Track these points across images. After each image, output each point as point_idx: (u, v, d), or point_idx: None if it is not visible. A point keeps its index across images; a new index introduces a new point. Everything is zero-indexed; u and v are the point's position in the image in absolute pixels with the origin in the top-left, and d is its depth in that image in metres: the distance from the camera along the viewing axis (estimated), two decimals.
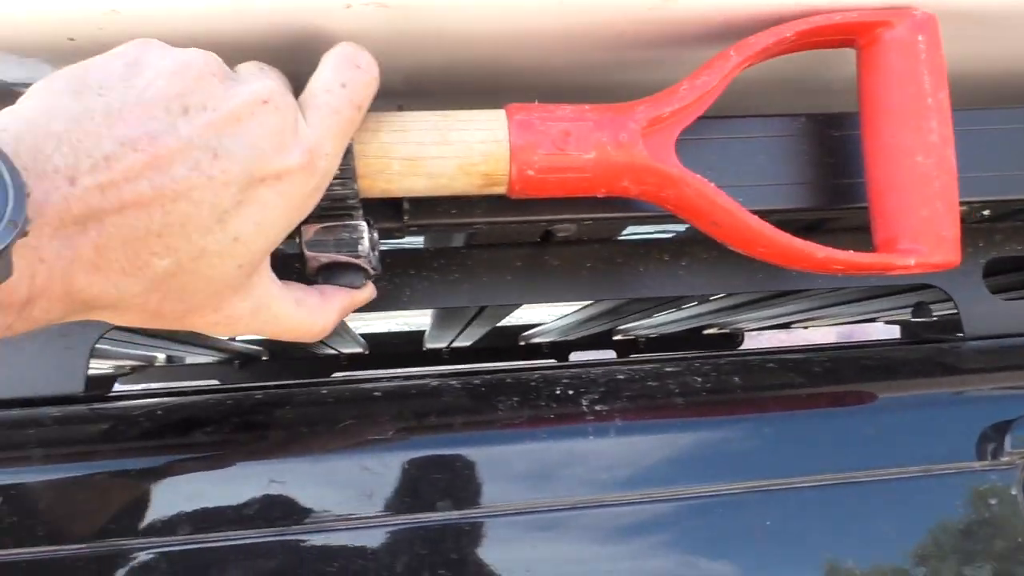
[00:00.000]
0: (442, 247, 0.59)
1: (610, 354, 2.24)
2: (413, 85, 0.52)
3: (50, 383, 0.53)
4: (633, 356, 2.13)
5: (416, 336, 2.13)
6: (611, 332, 2.14)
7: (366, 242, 0.45)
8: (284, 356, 2.16)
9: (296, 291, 0.43)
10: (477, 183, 0.44)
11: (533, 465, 0.46)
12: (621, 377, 0.52)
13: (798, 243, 0.46)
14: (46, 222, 0.30)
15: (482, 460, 0.47)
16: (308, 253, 0.45)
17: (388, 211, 0.49)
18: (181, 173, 0.32)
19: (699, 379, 0.51)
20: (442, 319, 1.38)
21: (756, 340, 2.77)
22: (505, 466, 0.47)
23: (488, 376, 0.54)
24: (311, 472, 0.45)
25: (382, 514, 0.44)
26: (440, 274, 0.58)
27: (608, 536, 0.46)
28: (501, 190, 0.45)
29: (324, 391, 0.52)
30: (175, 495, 0.43)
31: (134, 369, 2.05)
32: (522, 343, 2.28)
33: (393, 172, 0.43)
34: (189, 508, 0.43)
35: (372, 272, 0.47)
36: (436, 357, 2.17)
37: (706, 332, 2.22)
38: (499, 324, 2.11)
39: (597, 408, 0.48)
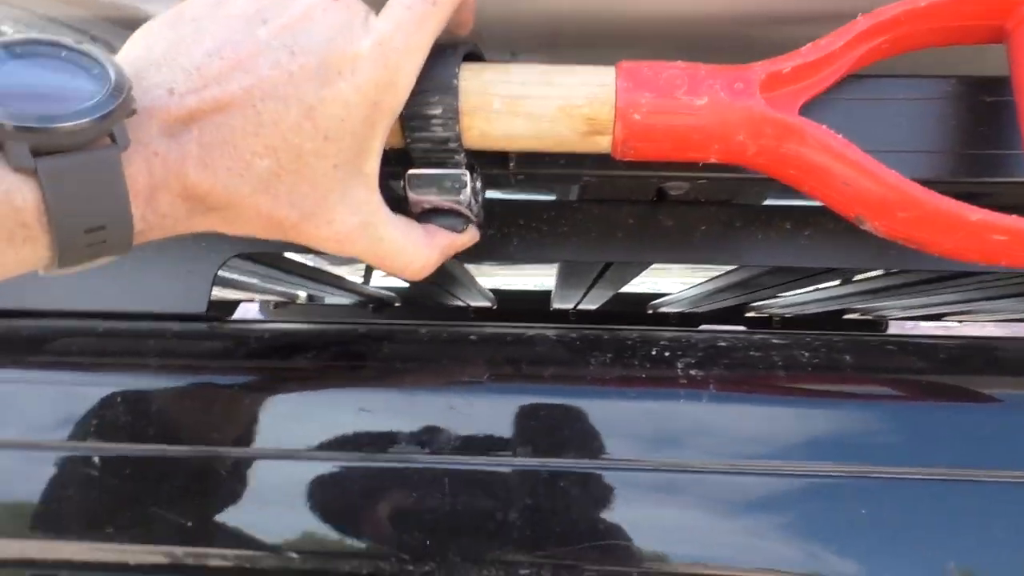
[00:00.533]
0: (553, 200, 0.58)
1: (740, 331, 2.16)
2: (528, 36, 0.52)
3: (176, 302, 0.57)
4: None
5: (543, 296, 2.14)
6: (743, 308, 2.06)
7: (468, 189, 0.45)
8: (415, 304, 2.23)
9: (403, 221, 0.44)
10: (580, 128, 0.43)
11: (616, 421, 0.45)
12: (722, 344, 0.50)
13: (947, 203, 0.42)
14: (153, 122, 0.34)
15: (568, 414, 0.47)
16: (412, 197, 0.45)
17: (495, 159, 0.48)
18: (264, 72, 0.36)
19: (806, 353, 0.49)
20: (566, 278, 1.38)
21: (901, 330, 2.59)
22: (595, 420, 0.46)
23: (587, 332, 0.53)
24: (399, 404, 0.46)
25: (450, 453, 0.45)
26: (549, 226, 0.58)
27: (697, 503, 0.45)
28: (606, 142, 0.44)
29: (424, 331, 0.53)
30: (269, 412, 0.46)
31: (277, 304, 2.18)
32: (650, 311, 2.24)
33: (493, 111, 0.43)
34: (277, 425, 0.46)
35: (474, 220, 0.47)
36: (562, 317, 2.17)
37: (847, 317, 2.10)
38: (626, 290, 2.09)
39: (692, 373, 0.47)
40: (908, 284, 1.17)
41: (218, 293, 1.78)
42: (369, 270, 1.94)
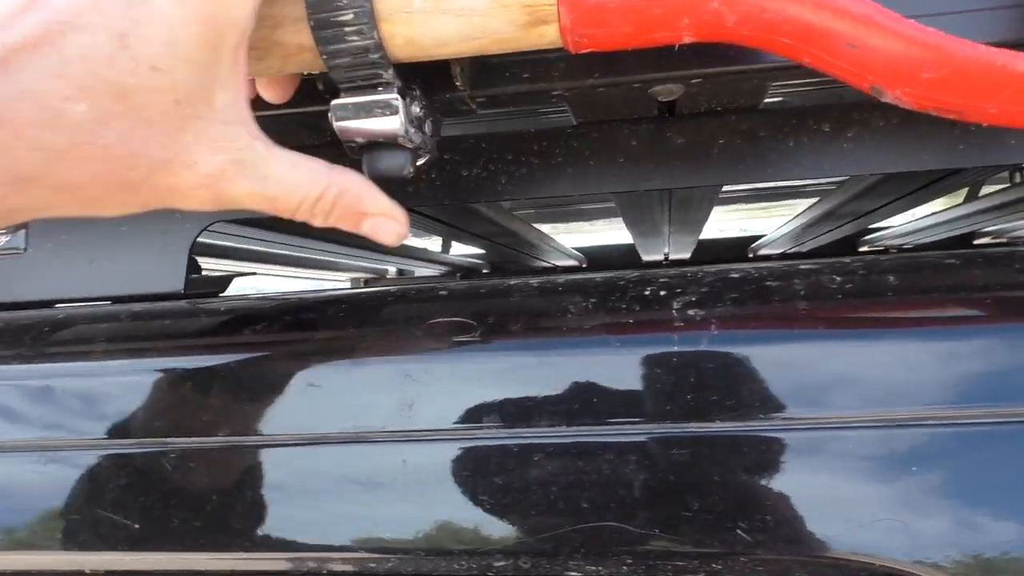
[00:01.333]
0: (543, 128, 0.50)
1: None
2: None
3: (153, 281, 0.53)
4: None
5: (631, 248, 2.04)
6: (854, 241, 1.89)
7: (401, 113, 0.38)
8: (503, 269, 2.18)
9: (291, 154, 0.37)
10: (519, 19, 0.35)
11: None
12: (735, 276, 0.41)
13: (985, 53, 0.32)
14: None
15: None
16: (339, 129, 0.39)
17: (443, 81, 0.41)
18: (61, 3, 0.30)
19: (837, 278, 0.39)
20: (634, 225, 1.29)
21: None
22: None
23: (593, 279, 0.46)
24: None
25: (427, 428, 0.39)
26: (540, 158, 0.50)
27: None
28: (552, 32, 0.36)
29: (394, 288, 0.47)
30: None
31: (367, 281, 2.18)
32: (751, 256, 2.10)
33: (414, 10, 0.36)
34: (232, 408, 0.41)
35: (419, 153, 0.40)
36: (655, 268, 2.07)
37: (977, 243, 1.89)
38: (722, 236, 1.96)
39: (690, 313, 0.39)
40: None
41: (296, 273, 1.79)
42: (447, 242, 1.90)
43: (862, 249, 1.97)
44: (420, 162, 0.41)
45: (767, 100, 0.49)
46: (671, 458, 0.37)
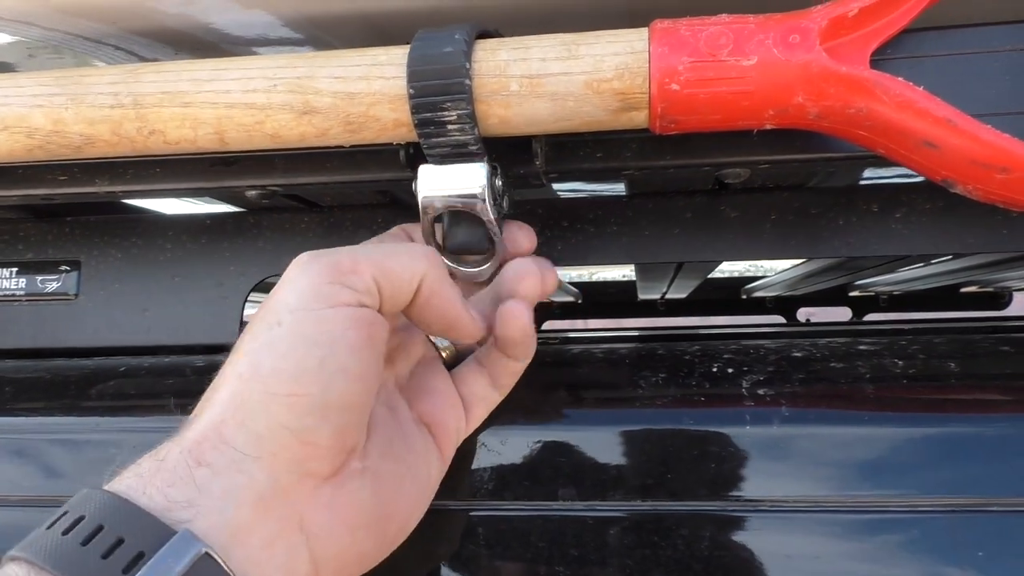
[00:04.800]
0: (599, 196, 0.52)
1: (845, 312, 2.02)
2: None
3: (207, 332, 0.54)
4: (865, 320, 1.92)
5: (630, 287, 2.06)
6: (847, 288, 1.93)
7: (486, 184, 0.39)
8: None
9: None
10: (611, 105, 0.37)
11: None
12: (797, 355, 0.43)
13: None
14: None
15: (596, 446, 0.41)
16: (423, 198, 0.40)
17: (522, 156, 0.43)
18: None
19: (900, 362, 0.41)
20: (644, 272, 1.30)
21: None
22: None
23: (644, 344, 0.47)
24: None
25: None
26: (596, 227, 0.52)
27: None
28: (642, 118, 0.37)
29: None
30: None
31: None
32: (744, 296, 2.13)
33: (511, 93, 0.37)
34: None
35: (498, 231, 0.42)
36: (651, 308, 2.09)
37: (964, 290, 1.93)
38: (717, 275, 1.98)
39: (760, 392, 0.40)
40: None
41: None
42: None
43: (853, 295, 2.00)
44: (493, 242, 0.42)
45: None
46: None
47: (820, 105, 0.36)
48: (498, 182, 0.41)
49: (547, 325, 2.11)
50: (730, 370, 0.42)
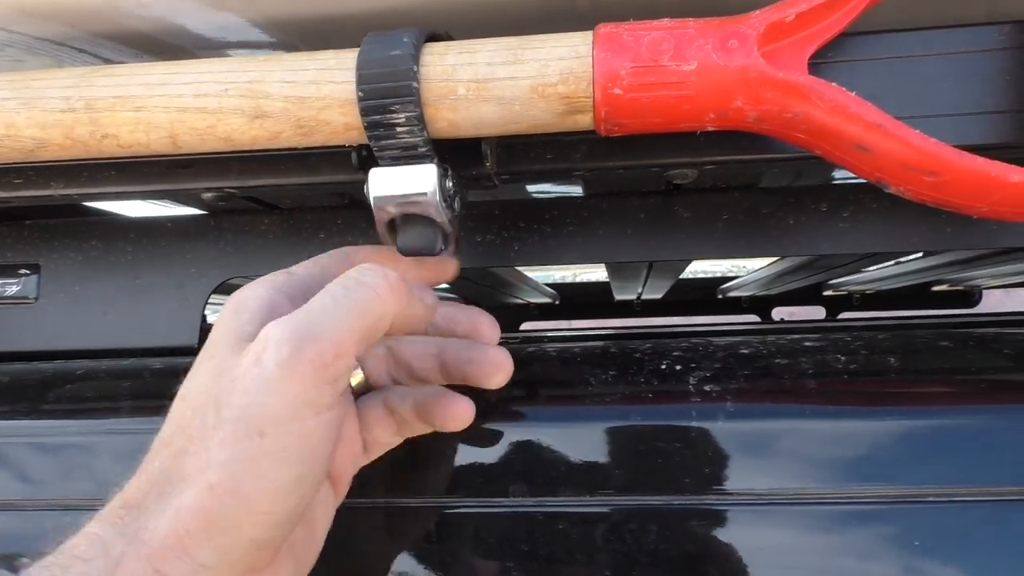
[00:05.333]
0: (555, 197, 0.53)
1: (819, 311, 2.04)
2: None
3: (167, 335, 0.54)
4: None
5: (606, 287, 2.07)
6: (820, 287, 1.95)
7: (436, 186, 0.40)
8: (476, 304, 2.19)
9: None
10: (556, 109, 0.38)
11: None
12: (744, 352, 0.44)
13: (982, 163, 0.35)
14: None
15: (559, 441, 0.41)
16: (374, 202, 0.41)
17: (472, 158, 0.43)
18: None
19: (842, 358, 0.42)
20: (615, 272, 1.31)
21: (1009, 297, 2.41)
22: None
23: (594, 343, 0.48)
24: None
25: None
26: (552, 227, 0.52)
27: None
28: (587, 120, 0.38)
29: None
30: None
31: None
32: (720, 296, 2.15)
33: (458, 97, 0.38)
34: None
35: (449, 229, 0.42)
36: (627, 309, 2.10)
37: (935, 289, 1.96)
38: (693, 276, 2.00)
39: (706, 388, 0.41)
40: (1004, 251, 1.06)
41: None
42: None
43: (827, 294, 2.02)
44: (447, 242, 0.43)
45: None
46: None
47: (758, 109, 0.37)
48: (449, 183, 0.41)
49: (524, 326, 2.12)
50: (678, 367, 0.43)
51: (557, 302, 2.16)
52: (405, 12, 0.47)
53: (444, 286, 2.03)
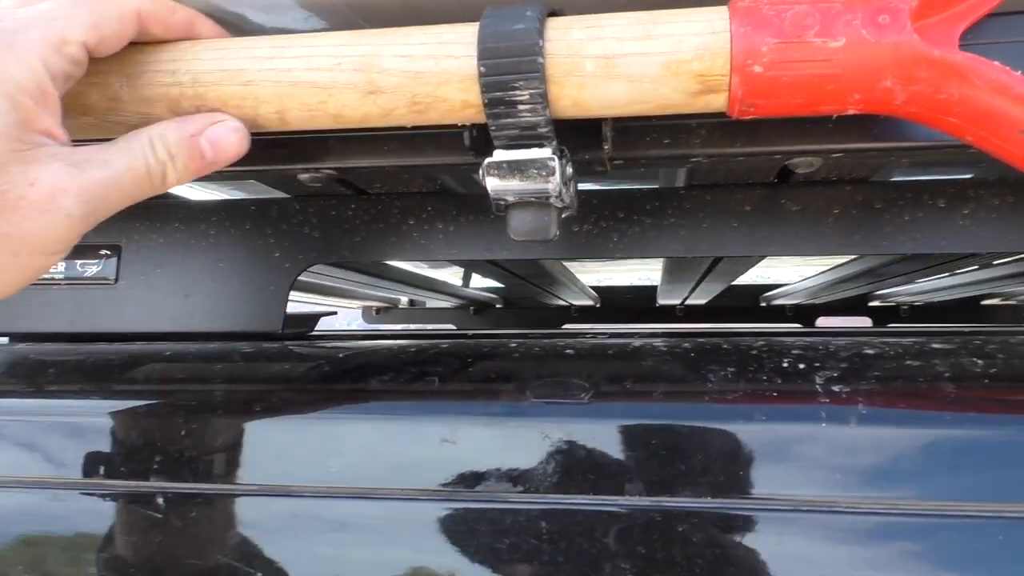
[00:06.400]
0: (656, 188, 0.51)
1: (864, 322, 2.00)
2: None
3: (252, 320, 0.53)
4: (891, 326, 1.90)
5: (649, 291, 2.05)
6: (867, 296, 1.91)
7: (557, 177, 0.38)
8: (516, 305, 2.18)
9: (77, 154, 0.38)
10: (689, 88, 0.36)
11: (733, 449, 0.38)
12: (869, 352, 0.41)
13: None
14: None
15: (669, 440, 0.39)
16: (492, 187, 0.39)
17: (587, 139, 0.41)
18: None
19: (979, 361, 0.39)
20: (673, 272, 1.29)
21: None
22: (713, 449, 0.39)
23: (702, 340, 0.46)
24: (485, 434, 0.40)
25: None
26: (653, 218, 0.50)
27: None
28: (720, 101, 0.36)
29: (514, 344, 0.47)
30: (343, 443, 0.41)
31: (378, 310, 2.17)
32: (763, 304, 2.11)
33: (585, 74, 0.36)
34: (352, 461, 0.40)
35: (564, 211, 0.40)
36: (669, 314, 2.07)
37: (985, 303, 1.91)
38: (739, 283, 1.97)
39: (835, 389, 0.38)
40: None
41: (314, 299, 1.78)
42: (468, 274, 1.90)
43: (873, 304, 1.98)
44: (560, 226, 0.41)
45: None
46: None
47: (909, 90, 0.35)
48: (568, 169, 0.39)
49: (564, 327, 2.10)
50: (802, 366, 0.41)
51: (598, 304, 2.14)
52: None
53: (485, 282, 2.02)
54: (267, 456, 0.42)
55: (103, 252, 0.56)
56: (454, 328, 2.14)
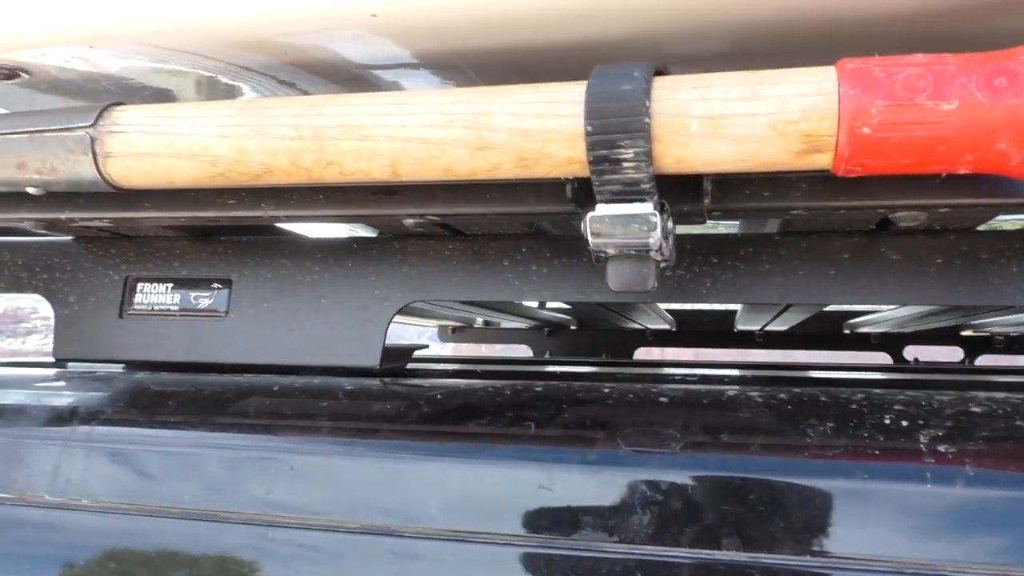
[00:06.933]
0: (752, 232, 0.51)
1: (956, 352, 1.93)
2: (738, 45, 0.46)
3: (351, 355, 0.55)
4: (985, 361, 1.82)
5: (727, 316, 2.02)
6: (959, 327, 1.84)
7: (658, 231, 0.39)
8: (591, 327, 2.18)
9: None
10: (795, 147, 0.36)
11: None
12: (976, 411, 0.41)
13: None
14: None
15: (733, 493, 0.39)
16: (593, 241, 0.40)
17: (687, 192, 0.42)
18: None
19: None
20: (755, 304, 1.27)
21: None
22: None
23: (798, 390, 0.46)
24: (581, 482, 0.41)
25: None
26: (747, 264, 0.51)
27: None
28: (826, 161, 0.36)
29: (607, 389, 0.47)
30: (439, 485, 0.42)
31: (454, 329, 2.20)
32: (847, 331, 2.05)
33: (691, 133, 0.37)
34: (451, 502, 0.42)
35: (663, 264, 0.41)
36: (747, 339, 2.04)
37: None
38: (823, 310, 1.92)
39: (940, 449, 0.38)
40: None
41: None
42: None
43: (965, 334, 1.91)
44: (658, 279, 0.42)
45: None
46: None
47: None
48: (669, 223, 0.40)
49: (639, 353, 2.09)
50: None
51: (674, 328, 2.12)
52: (592, 44, 0.47)
53: (559, 304, 2.02)
54: (368, 494, 0.43)
55: (215, 285, 0.59)
56: (530, 352, 2.15)
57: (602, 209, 0.40)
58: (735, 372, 0.55)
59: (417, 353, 0.93)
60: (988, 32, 0.44)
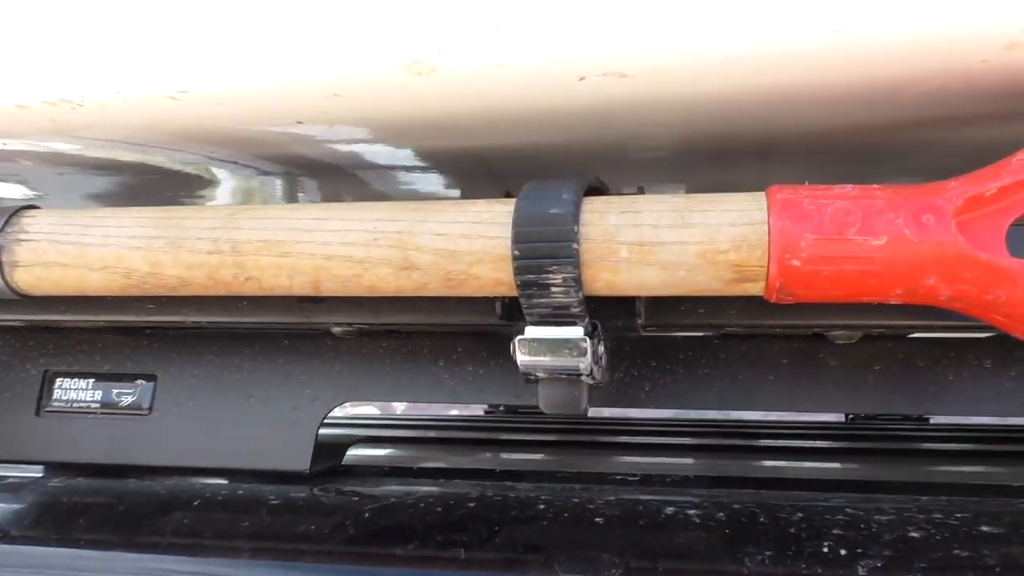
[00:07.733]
0: (689, 336, 0.50)
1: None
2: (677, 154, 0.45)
3: (280, 458, 0.53)
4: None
5: None
6: None
7: (588, 356, 0.38)
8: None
9: None
10: (724, 277, 0.35)
11: None
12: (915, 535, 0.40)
13: None
14: None
15: None
16: (522, 362, 0.39)
17: (620, 309, 0.41)
18: None
19: None
20: None
21: None
22: None
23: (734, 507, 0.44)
24: None
25: None
26: (687, 368, 0.50)
27: None
28: (757, 289, 0.36)
29: (542, 505, 0.46)
30: None
31: None
32: None
33: (620, 260, 0.36)
34: None
35: (595, 386, 0.40)
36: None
37: None
38: None
39: None
40: None
41: None
42: None
43: None
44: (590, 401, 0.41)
45: None
46: None
47: (954, 288, 0.34)
48: (600, 347, 0.39)
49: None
50: None
51: None
52: (547, 147, 0.46)
53: None
54: None
55: (139, 381, 0.57)
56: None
57: (531, 332, 0.38)
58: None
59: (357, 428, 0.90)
60: (924, 143, 0.45)
